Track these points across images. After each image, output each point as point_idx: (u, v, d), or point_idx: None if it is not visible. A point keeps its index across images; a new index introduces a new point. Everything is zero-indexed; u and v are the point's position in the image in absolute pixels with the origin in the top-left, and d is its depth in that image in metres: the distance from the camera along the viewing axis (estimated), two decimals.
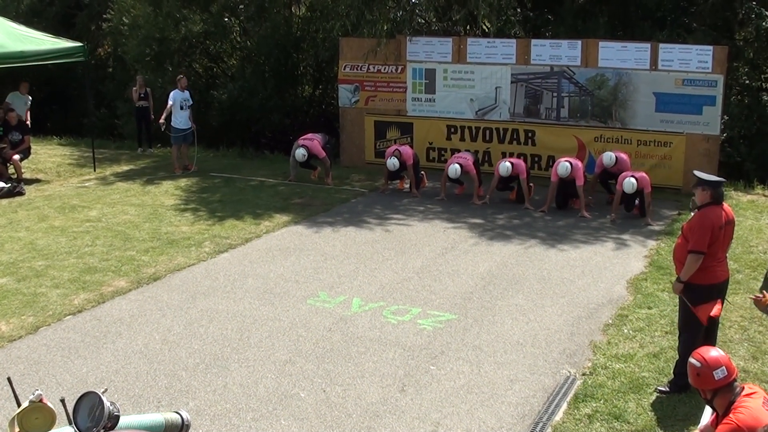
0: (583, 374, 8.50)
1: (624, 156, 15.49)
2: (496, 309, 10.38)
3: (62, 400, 4.76)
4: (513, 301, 10.67)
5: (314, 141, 17.31)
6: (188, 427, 5.72)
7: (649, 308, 10.25)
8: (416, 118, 18.61)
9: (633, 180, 14.15)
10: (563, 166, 14.69)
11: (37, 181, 17.63)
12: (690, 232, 7.82)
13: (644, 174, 14.55)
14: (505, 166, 15.23)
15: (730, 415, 5.42)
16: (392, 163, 16.11)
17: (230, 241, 13.22)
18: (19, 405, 5.22)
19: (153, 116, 20.38)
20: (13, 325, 9.89)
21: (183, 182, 17.42)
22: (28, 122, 18.76)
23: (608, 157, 15.20)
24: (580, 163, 15.16)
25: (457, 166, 15.41)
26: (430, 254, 12.58)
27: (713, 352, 5.64)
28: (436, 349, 9.20)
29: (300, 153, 17.08)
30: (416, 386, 8.28)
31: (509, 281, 11.42)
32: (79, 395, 4.28)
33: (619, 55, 16.75)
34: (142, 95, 20.24)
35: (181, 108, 18.53)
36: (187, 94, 18.58)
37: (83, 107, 20.84)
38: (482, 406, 7.91)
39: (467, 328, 9.79)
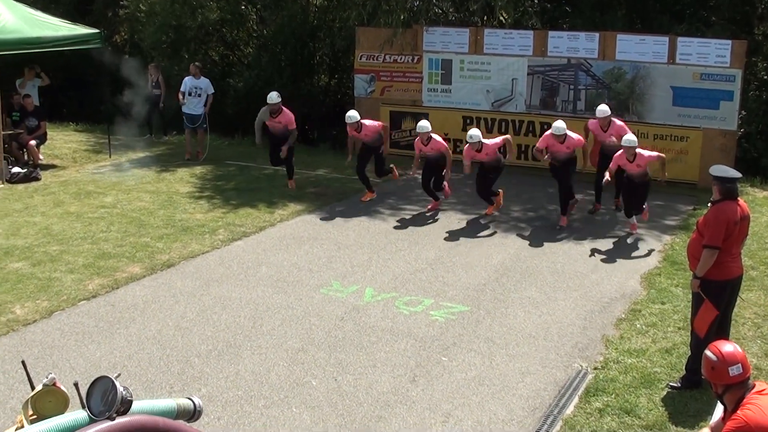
0: (595, 368, 8.49)
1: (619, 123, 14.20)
2: (509, 301, 10.37)
3: (75, 384, 4.79)
4: (526, 293, 10.66)
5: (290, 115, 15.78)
6: (200, 413, 5.73)
7: (663, 303, 10.22)
8: (432, 108, 18.56)
9: (634, 138, 12.96)
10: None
11: (53, 166, 17.69)
12: (704, 228, 7.79)
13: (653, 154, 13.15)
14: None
15: (739, 411, 5.40)
16: (351, 115, 15.22)
17: (244, 229, 13.25)
18: (32, 388, 5.25)
19: (162, 104, 20.41)
20: (28, 309, 9.94)
21: (198, 170, 17.45)
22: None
23: (601, 111, 14.05)
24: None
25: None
26: (444, 245, 12.57)
27: (730, 347, 5.61)
28: (448, 341, 9.21)
29: (273, 95, 15.54)
30: (427, 377, 8.29)
31: (522, 274, 11.41)
32: (93, 380, 4.30)
33: (636, 48, 16.67)
34: (155, 83, 20.25)
35: (190, 94, 18.64)
36: (201, 81, 18.62)
37: (99, 94, 20.87)
38: (493, 398, 7.92)
39: (480, 320, 9.79)
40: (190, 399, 6.13)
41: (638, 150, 12.74)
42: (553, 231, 13.36)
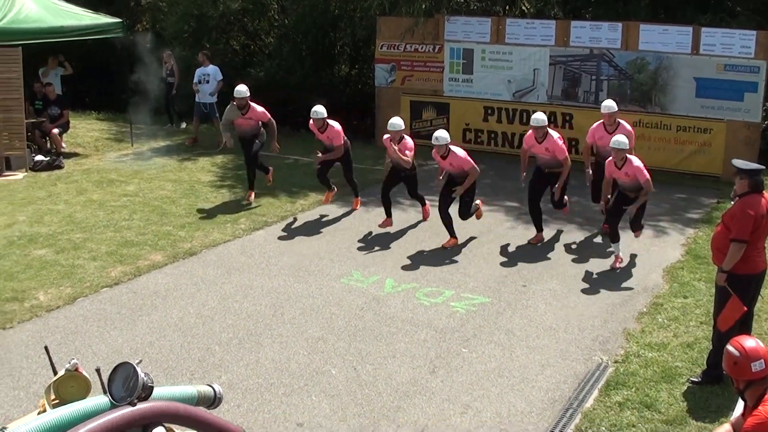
0: (616, 362, 8.47)
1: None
2: (530, 293, 10.36)
3: (97, 370, 4.82)
4: (547, 285, 10.64)
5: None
6: (220, 400, 5.76)
7: (685, 297, 10.17)
8: (453, 98, 18.51)
9: (624, 139, 11.25)
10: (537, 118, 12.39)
11: (76, 155, 17.76)
12: (731, 221, 7.74)
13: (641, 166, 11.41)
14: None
15: (760, 407, 5.36)
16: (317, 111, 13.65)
17: (266, 218, 13.28)
18: (55, 373, 5.29)
19: (176, 92, 20.46)
20: (51, 296, 10.02)
21: (219, 159, 17.48)
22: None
23: (607, 106, 12.74)
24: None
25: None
26: (465, 237, 12.56)
27: (752, 343, 5.57)
28: (468, 332, 9.20)
29: (241, 89, 13.99)
30: (447, 368, 8.30)
31: (544, 266, 11.38)
32: (114, 365, 4.33)
33: (660, 38, 16.55)
34: (169, 71, 20.28)
35: (199, 82, 18.85)
36: (208, 69, 18.78)
37: (121, 83, 20.93)
38: (513, 390, 7.92)
39: (500, 311, 9.79)
40: (210, 386, 6.15)
41: (629, 156, 11.22)
42: (575, 223, 13.29)
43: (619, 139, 11.18)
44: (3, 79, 15.61)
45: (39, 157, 16.51)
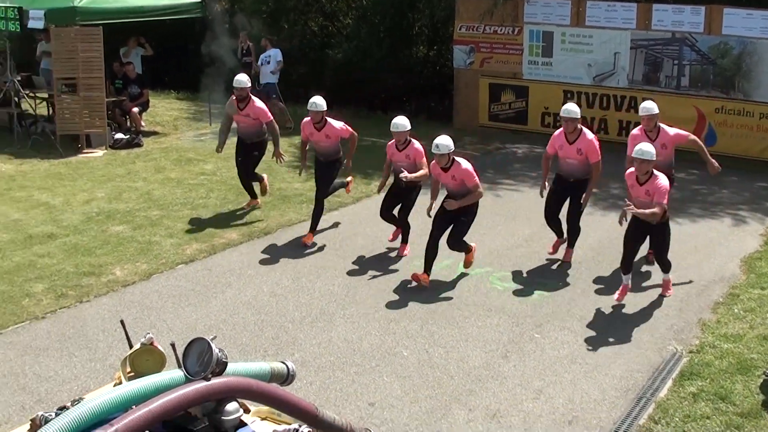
0: (690, 352, 8.35)
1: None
2: (605, 281, 10.25)
3: (172, 345, 4.90)
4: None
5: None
6: (293, 377, 5.82)
7: (762, 289, 9.96)
8: (532, 81, 18.34)
9: (649, 147, 9.21)
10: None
11: (155, 133, 18.05)
12: None
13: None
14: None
15: None
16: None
17: (340, 199, 13.33)
18: (131, 347, 5.40)
19: (255, 72, 20.60)
20: (128, 271, 10.22)
21: (296, 140, 17.55)
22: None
23: (646, 108, 10.62)
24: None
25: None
26: (540, 222, 12.41)
27: None
28: (541, 318, 9.15)
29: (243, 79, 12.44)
30: (519, 353, 8.27)
31: (619, 253, 11.21)
32: (189, 341, 4.41)
33: (744, 22, 16.16)
34: (245, 51, 20.41)
35: (261, 64, 18.95)
36: (269, 51, 18.85)
37: (199, 63, 21.19)
38: (585, 377, 7.86)
39: (574, 298, 9.71)
40: (283, 363, 6.22)
41: (655, 172, 9.17)
42: None
43: (643, 148, 9.12)
44: (84, 58, 15.91)
45: (119, 135, 16.81)
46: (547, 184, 10.82)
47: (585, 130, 10.48)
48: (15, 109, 16.81)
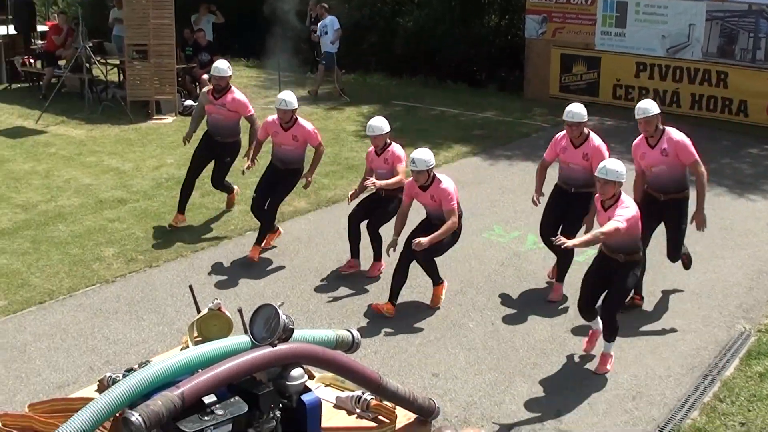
0: (759, 331, 8.23)
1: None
2: None
3: (239, 310, 4.98)
4: (691, 249, 10.32)
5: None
6: (358, 345, 5.88)
7: None
8: (605, 52, 18.07)
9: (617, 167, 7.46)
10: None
11: None
12: None
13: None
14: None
15: None
16: None
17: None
18: (198, 311, 5.49)
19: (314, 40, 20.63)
20: (196, 237, 10.41)
21: (365, 109, 17.61)
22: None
23: (642, 108, 8.50)
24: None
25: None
26: None
27: None
28: None
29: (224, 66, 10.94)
30: (585, 328, 8.22)
31: (690, 229, 11.06)
32: (257, 307, 4.47)
33: None
34: (314, 19, 20.42)
35: (320, 34, 18.84)
36: (326, 20, 18.73)
37: (269, 31, 21.27)
38: (651, 354, 7.80)
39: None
40: (349, 331, 6.29)
41: (622, 196, 7.47)
42: (723, 185, 12.85)
43: (608, 166, 7.43)
44: (155, 25, 16.10)
45: (188, 102, 16.98)
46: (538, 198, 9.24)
47: (593, 134, 8.94)
48: (86, 75, 17.10)
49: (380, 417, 6.40)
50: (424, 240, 8.13)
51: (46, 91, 17.60)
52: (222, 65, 10.73)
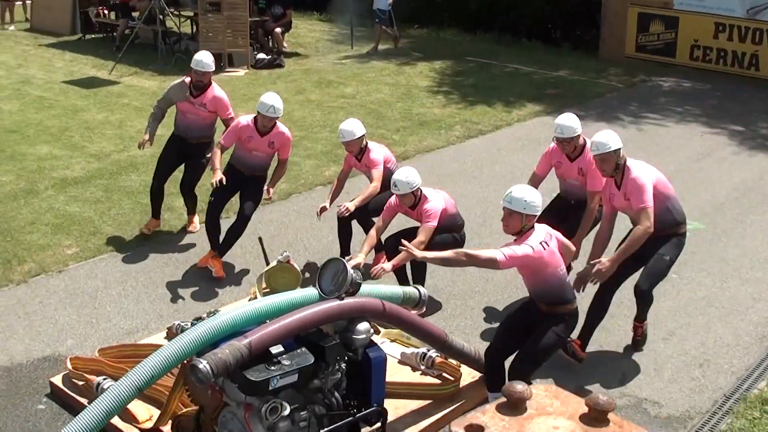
0: None
1: None
2: (747, 223, 9.93)
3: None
4: (767, 216, 10.17)
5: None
6: (424, 302, 5.88)
7: None
8: (683, 12, 17.64)
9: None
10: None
11: (296, 54, 18.22)
12: None
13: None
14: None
15: None
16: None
17: (480, 126, 13.26)
18: (267, 264, 5.53)
19: None
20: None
21: (437, 65, 17.50)
22: None
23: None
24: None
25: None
26: (684, 159, 12.13)
27: None
28: (679, 258, 8.92)
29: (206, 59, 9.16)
30: (655, 293, 8.08)
31: (765, 195, 10.86)
32: (325, 260, 4.49)
33: None
34: None
35: None
36: None
37: None
38: (720, 321, 7.69)
39: (714, 239, 9.46)
40: (416, 288, 6.28)
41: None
42: None
43: (514, 194, 6.04)
44: None
45: (261, 55, 17.05)
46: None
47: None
48: (160, 26, 17.25)
49: (445, 374, 6.43)
50: (393, 262, 6.98)
51: (120, 42, 17.81)
52: (205, 58, 9.08)
